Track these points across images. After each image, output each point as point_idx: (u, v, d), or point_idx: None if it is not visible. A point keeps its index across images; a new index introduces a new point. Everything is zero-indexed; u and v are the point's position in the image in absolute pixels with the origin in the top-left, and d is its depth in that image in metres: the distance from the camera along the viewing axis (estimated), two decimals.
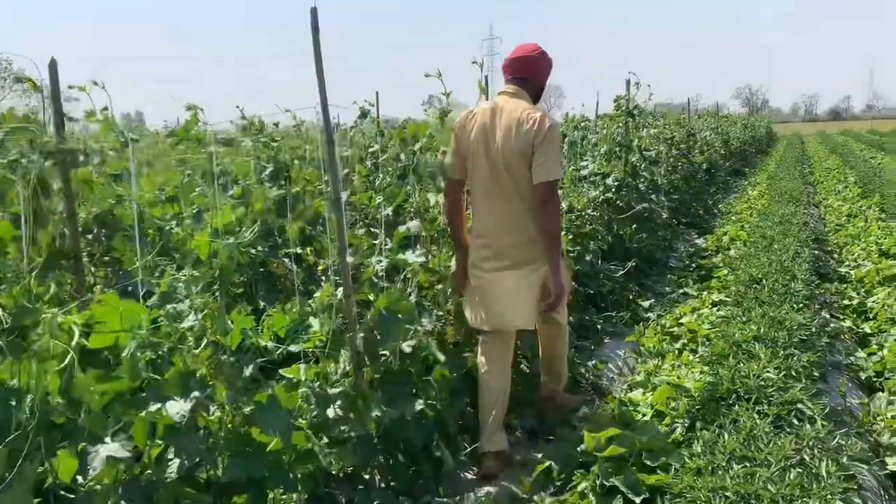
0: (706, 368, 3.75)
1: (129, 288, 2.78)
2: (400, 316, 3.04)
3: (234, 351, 2.49)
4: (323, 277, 4.52)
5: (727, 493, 2.19)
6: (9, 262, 2.13)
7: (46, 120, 3.00)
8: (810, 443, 2.49)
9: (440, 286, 3.83)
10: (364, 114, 8.99)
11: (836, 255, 8.02)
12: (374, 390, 3.04)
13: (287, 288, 4.72)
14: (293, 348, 2.83)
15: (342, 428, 2.83)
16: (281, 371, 3.00)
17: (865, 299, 5.94)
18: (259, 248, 4.66)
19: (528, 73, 3.48)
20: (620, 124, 7.30)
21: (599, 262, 6.12)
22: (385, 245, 3.45)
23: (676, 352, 4.59)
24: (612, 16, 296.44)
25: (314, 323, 2.76)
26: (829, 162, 21.06)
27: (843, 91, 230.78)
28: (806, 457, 2.41)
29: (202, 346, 2.30)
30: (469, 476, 3.34)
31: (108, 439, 1.92)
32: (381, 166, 5.83)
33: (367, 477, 3.01)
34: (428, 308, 3.59)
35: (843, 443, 2.56)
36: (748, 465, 2.39)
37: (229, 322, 2.39)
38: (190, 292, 2.20)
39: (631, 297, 6.11)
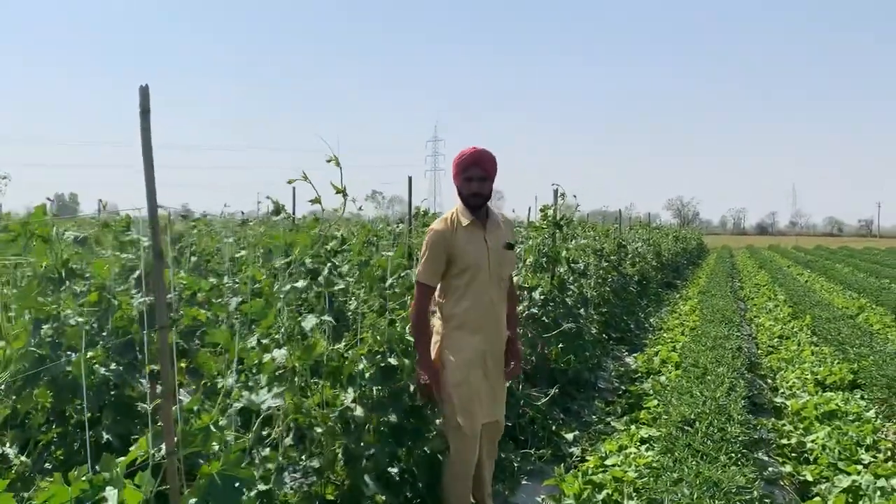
0: None
1: None
2: (242, 481, 2.35)
3: None
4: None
5: None
6: None
7: None
8: None
9: (319, 430, 3.14)
10: (277, 210, 8.38)
11: (769, 380, 7.60)
12: None
13: (143, 416, 3.95)
14: None
15: None
16: None
17: (804, 437, 5.44)
18: (114, 366, 3.88)
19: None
20: (548, 235, 6.86)
21: (521, 387, 5.51)
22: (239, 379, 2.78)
23: None
24: (549, 122, 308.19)
25: (110, 497, 2.03)
26: (759, 278, 21.26)
27: (769, 206, 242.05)
28: None
29: None
30: None
31: None
32: (281, 271, 5.20)
33: None
34: (294, 460, 2.89)
35: None
36: None
37: None
38: None
39: (554, 427, 5.48)
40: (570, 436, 5.42)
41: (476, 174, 3.59)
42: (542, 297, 6.50)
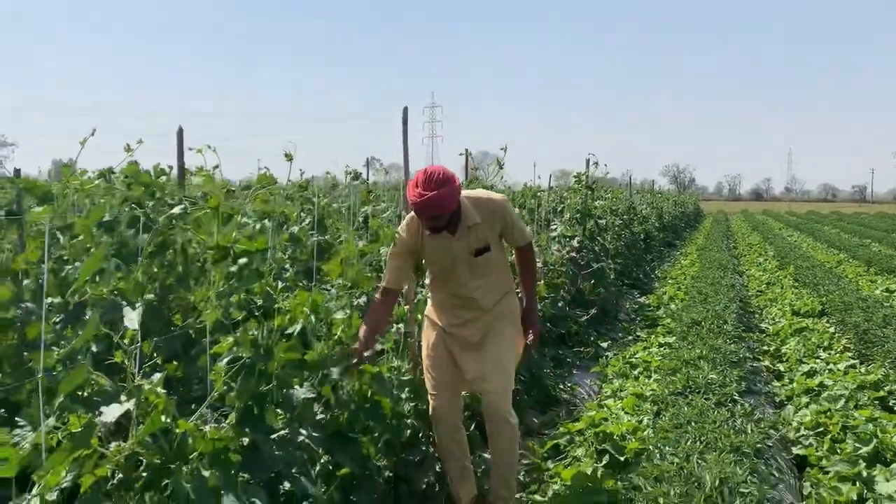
0: (661, 380, 4.95)
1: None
2: None
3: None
4: None
5: (688, 437, 3.34)
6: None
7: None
8: (740, 414, 3.69)
9: None
10: (356, 176, 10.21)
11: (757, 315, 9.46)
12: None
13: None
14: (377, 347, 3.91)
15: (410, 405, 3.91)
16: None
17: (780, 346, 7.30)
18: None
19: None
20: (581, 196, 8.66)
21: (567, 308, 7.35)
22: None
23: (635, 376, 5.79)
24: (548, 93, 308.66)
25: (402, 326, 3.87)
26: (752, 238, 23.16)
27: (764, 172, 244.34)
28: (737, 422, 3.60)
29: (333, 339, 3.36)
30: None
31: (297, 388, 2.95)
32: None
33: (423, 448, 4.05)
34: None
35: (762, 416, 3.77)
36: (701, 424, 3.56)
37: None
38: (337, 297, 3.28)
39: (592, 338, 7.34)
40: (604, 344, 7.29)
41: (425, 215, 3.34)
42: (578, 243, 8.31)
